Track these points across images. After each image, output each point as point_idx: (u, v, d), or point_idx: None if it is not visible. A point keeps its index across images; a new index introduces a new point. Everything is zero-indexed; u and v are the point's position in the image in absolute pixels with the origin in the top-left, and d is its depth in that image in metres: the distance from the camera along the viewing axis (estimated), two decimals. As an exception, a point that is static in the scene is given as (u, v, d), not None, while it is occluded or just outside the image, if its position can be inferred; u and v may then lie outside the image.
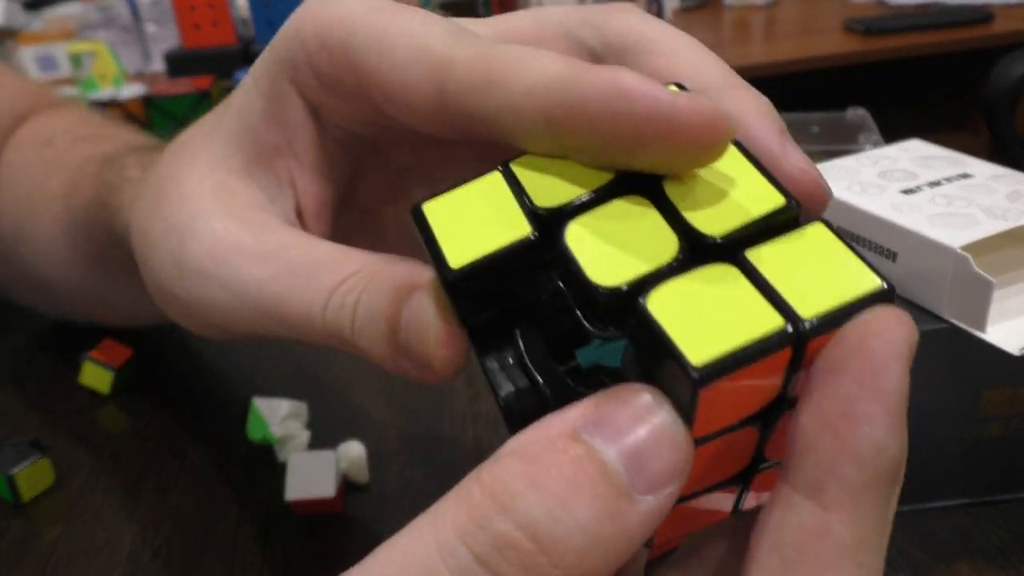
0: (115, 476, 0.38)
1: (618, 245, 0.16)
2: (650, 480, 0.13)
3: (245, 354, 0.47)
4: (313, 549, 0.33)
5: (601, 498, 0.13)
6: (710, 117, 0.15)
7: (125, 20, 1.40)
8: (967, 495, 0.34)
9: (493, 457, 0.14)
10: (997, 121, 0.81)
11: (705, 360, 0.13)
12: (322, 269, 0.20)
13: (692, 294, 0.15)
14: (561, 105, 0.16)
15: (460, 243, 0.17)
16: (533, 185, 0.17)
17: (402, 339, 0.18)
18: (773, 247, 0.16)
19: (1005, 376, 0.31)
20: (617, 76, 0.16)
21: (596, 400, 0.14)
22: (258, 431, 0.37)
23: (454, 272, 0.16)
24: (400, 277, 0.18)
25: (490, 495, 0.13)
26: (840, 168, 0.37)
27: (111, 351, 0.43)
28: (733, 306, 0.14)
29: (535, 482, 0.13)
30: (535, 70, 0.17)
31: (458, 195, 0.17)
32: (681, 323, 0.14)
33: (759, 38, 1.59)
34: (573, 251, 0.16)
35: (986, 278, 0.29)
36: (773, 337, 0.14)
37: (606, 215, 0.16)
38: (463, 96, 0.18)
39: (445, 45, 0.18)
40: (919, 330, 0.32)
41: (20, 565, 0.33)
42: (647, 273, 0.15)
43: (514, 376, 0.18)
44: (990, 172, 0.36)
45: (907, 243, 0.32)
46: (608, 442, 0.13)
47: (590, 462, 0.13)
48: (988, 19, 1.52)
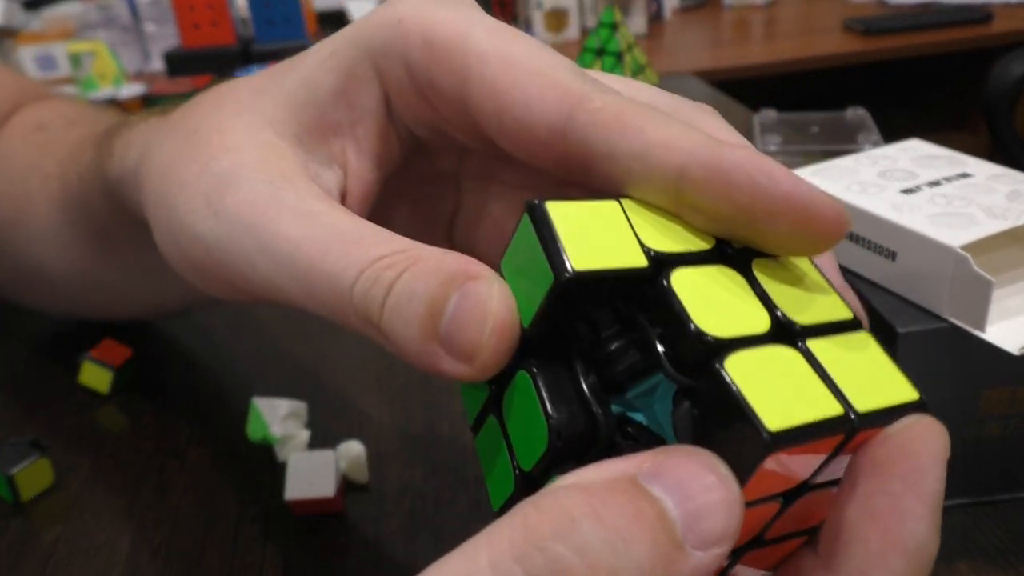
0: (115, 476, 0.38)
1: (717, 303, 0.17)
2: (703, 537, 0.13)
3: (245, 354, 0.47)
4: (313, 549, 0.33)
5: (659, 544, 0.13)
6: (838, 212, 0.17)
7: (125, 20, 1.40)
8: (966, 495, 0.34)
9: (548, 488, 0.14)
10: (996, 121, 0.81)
11: (779, 427, 0.15)
12: (366, 240, 0.19)
13: (763, 367, 0.16)
14: (703, 166, 0.17)
15: (580, 249, 0.17)
16: (641, 227, 0.18)
17: (445, 324, 0.17)
18: (830, 342, 0.17)
19: (1004, 376, 0.31)
20: (761, 158, 0.17)
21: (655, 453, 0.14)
22: (258, 431, 0.37)
23: (575, 271, 0.16)
24: (453, 265, 0.18)
25: (550, 519, 0.13)
26: (840, 168, 0.37)
27: (111, 351, 0.43)
28: (799, 386, 0.16)
29: (596, 513, 0.13)
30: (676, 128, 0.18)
31: (578, 208, 0.18)
32: (754, 390, 0.15)
33: (759, 38, 1.59)
34: (678, 294, 0.16)
35: (986, 277, 0.29)
36: (835, 420, 0.15)
37: (706, 274, 0.17)
38: (593, 131, 0.18)
39: (579, 81, 0.19)
40: (919, 329, 0.32)
41: (20, 565, 0.33)
42: (744, 336, 0.16)
43: (568, 400, 0.18)
44: (989, 172, 0.36)
45: (907, 243, 0.32)
46: (668, 493, 0.14)
47: (651, 506, 0.13)
48: (987, 19, 1.52)
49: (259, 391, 0.39)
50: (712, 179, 0.17)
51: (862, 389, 0.16)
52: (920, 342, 0.31)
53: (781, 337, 0.17)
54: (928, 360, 0.31)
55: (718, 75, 1.30)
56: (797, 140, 0.55)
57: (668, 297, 0.16)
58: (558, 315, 0.17)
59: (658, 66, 1.20)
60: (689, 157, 0.17)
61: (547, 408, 0.17)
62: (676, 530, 0.13)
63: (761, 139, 0.56)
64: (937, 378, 0.31)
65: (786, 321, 0.17)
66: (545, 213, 0.17)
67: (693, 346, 0.16)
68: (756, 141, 0.57)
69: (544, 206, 0.17)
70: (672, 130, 0.18)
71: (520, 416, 0.18)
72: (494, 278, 0.17)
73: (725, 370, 0.15)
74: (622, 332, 0.18)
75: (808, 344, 0.17)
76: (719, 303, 0.17)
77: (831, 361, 0.17)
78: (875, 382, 0.17)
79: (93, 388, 0.43)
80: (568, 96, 0.19)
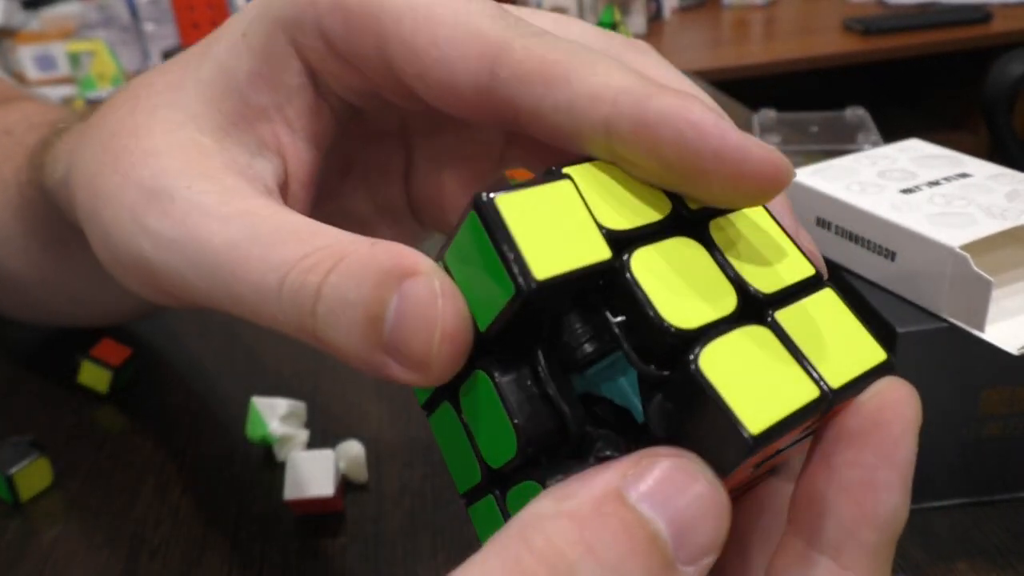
0: (114, 475, 0.38)
1: (682, 286, 0.16)
2: (692, 551, 0.13)
3: (244, 354, 0.47)
4: (312, 548, 0.33)
5: (652, 569, 0.13)
6: (774, 164, 0.15)
7: (124, 19, 1.40)
8: (966, 495, 0.34)
9: (533, 514, 0.14)
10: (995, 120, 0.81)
11: (760, 428, 0.14)
12: (287, 239, 0.18)
13: (736, 355, 0.15)
14: (628, 119, 0.16)
15: (539, 252, 0.15)
16: (595, 203, 0.17)
17: (388, 331, 0.16)
18: (796, 310, 0.17)
19: (1004, 376, 0.31)
20: (688, 105, 0.16)
21: (639, 459, 0.14)
22: (257, 431, 0.37)
23: (538, 283, 0.15)
24: (386, 259, 0.16)
25: (546, 564, 0.13)
26: (839, 168, 0.37)
27: (110, 350, 0.43)
28: (774, 372, 0.15)
29: (591, 550, 0.13)
30: (602, 75, 0.16)
31: (530, 196, 0.16)
32: (731, 385, 0.15)
33: (758, 38, 1.59)
34: (641, 283, 0.16)
35: (985, 277, 0.29)
36: (812, 404, 0.15)
37: (666, 252, 0.16)
38: (517, 86, 0.17)
39: (499, 28, 0.18)
40: (918, 329, 0.32)
41: (19, 565, 0.33)
42: (713, 321, 0.16)
43: (532, 398, 0.17)
44: (989, 171, 0.36)
45: (906, 242, 0.32)
46: (657, 509, 0.13)
47: (641, 530, 0.13)
48: (987, 19, 1.52)
49: (258, 391, 0.39)
50: (638, 133, 0.16)
51: (833, 360, 0.16)
52: (919, 342, 0.31)
53: (749, 314, 0.16)
54: (927, 360, 0.31)
55: (717, 75, 1.30)
56: (796, 140, 0.55)
57: (631, 288, 0.15)
58: (519, 320, 0.16)
59: (657, 66, 1.20)
60: (613, 109, 0.16)
61: (512, 412, 0.16)
62: (668, 550, 0.13)
63: (761, 138, 0.56)
64: (936, 378, 0.31)
65: (752, 294, 0.16)
66: (497, 212, 0.16)
67: (662, 339, 0.15)
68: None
69: (495, 204, 0.16)
70: (598, 77, 0.16)
71: (483, 416, 0.17)
72: (434, 273, 0.16)
73: (700, 370, 0.15)
74: (584, 316, 0.17)
75: (776, 316, 0.16)
76: (683, 286, 0.16)
77: (800, 332, 0.16)
78: (844, 348, 0.16)
79: (92, 388, 0.43)
80: (488, 48, 0.17)
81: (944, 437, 0.33)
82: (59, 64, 1.34)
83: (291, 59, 0.21)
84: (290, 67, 0.21)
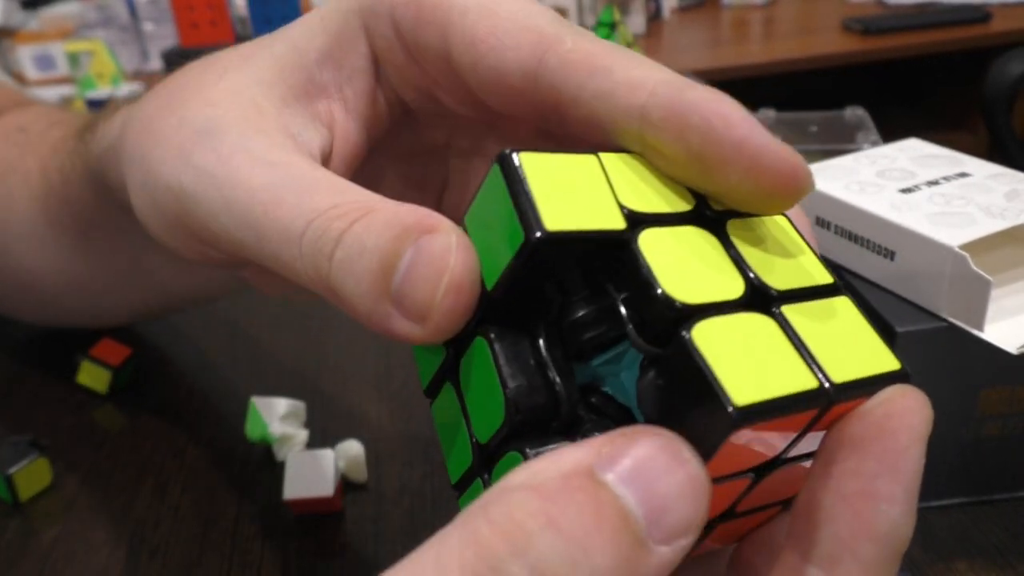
0: (113, 475, 0.38)
1: (689, 266, 0.16)
2: (668, 532, 0.13)
3: (244, 353, 0.47)
4: (311, 548, 0.33)
5: (621, 545, 0.12)
6: (793, 165, 0.16)
7: (123, 19, 1.40)
8: (965, 494, 0.34)
9: (499, 487, 0.13)
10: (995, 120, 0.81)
11: (746, 402, 0.14)
12: (322, 190, 0.19)
13: (734, 335, 0.15)
14: (662, 107, 0.17)
15: (553, 207, 0.16)
16: (618, 184, 0.17)
17: (398, 281, 0.16)
18: (806, 308, 0.16)
19: (1003, 375, 0.31)
20: (720, 99, 0.16)
21: (615, 438, 0.13)
22: (257, 430, 0.37)
23: (547, 232, 0.15)
24: (409, 217, 0.17)
25: (503, 534, 0.12)
26: (838, 167, 0.37)
27: (109, 350, 0.43)
28: (771, 357, 0.15)
29: (553, 523, 0.12)
30: (644, 69, 0.18)
31: (554, 160, 0.17)
32: (722, 361, 0.14)
33: (757, 37, 1.59)
34: (647, 258, 0.15)
35: (984, 277, 0.29)
36: (808, 394, 0.14)
37: (678, 235, 0.16)
38: (563, 73, 0.18)
39: (554, 25, 0.19)
40: (917, 329, 0.32)
41: (18, 565, 0.33)
42: (716, 301, 0.15)
43: (528, 370, 0.17)
44: (988, 171, 0.36)
45: (905, 242, 0.32)
46: (630, 486, 0.13)
47: (611, 506, 0.12)
48: (986, 18, 1.52)
49: (258, 390, 0.39)
50: (669, 119, 0.17)
51: (839, 359, 0.15)
52: (919, 341, 0.31)
53: (755, 303, 0.16)
54: (927, 360, 0.31)
55: (717, 75, 1.30)
56: (796, 139, 0.55)
57: (637, 259, 0.15)
58: (525, 277, 0.16)
59: (657, 65, 1.20)
60: (651, 97, 0.17)
61: (504, 378, 0.16)
62: (639, 528, 0.12)
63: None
64: (936, 378, 0.31)
65: (760, 285, 0.16)
66: (517, 165, 0.16)
67: (661, 312, 0.15)
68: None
69: (516, 157, 0.16)
70: (639, 70, 0.18)
71: (477, 385, 0.17)
72: (453, 231, 0.16)
73: (691, 338, 0.14)
74: (591, 298, 0.17)
75: (783, 310, 0.16)
76: (690, 266, 0.16)
77: (807, 329, 0.16)
78: (854, 351, 0.16)
79: (92, 388, 0.43)
80: (542, 40, 0.19)
81: (943, 437, 0.33)
82: (58, 64, 1.34)
83: (360, 42, 0.22)
84: (357, 50, 0.22)
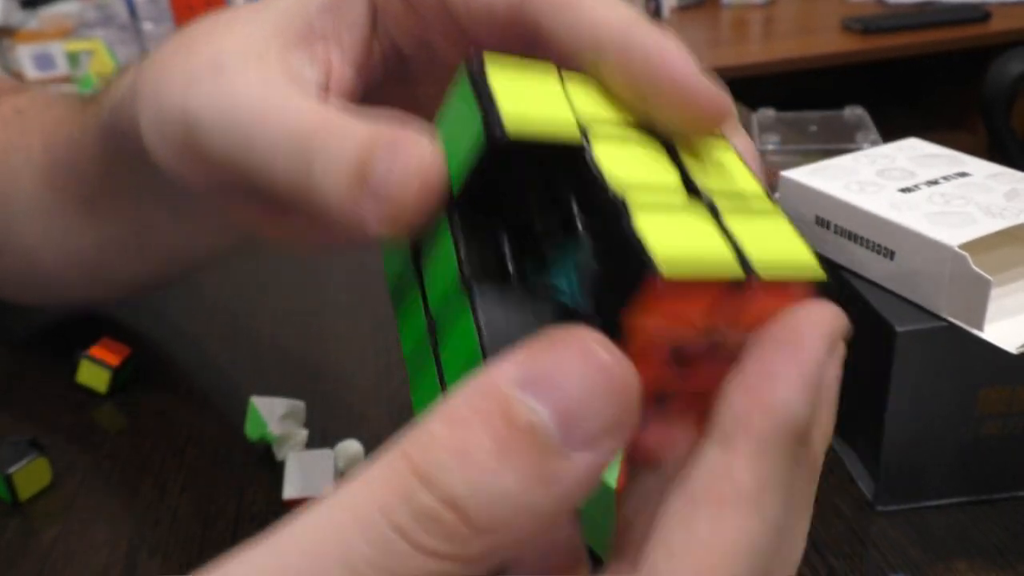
0: (113, 475, 0.38)
1: (636, 169, 0.17)
2: (586, 436, 0.13)
3: (243, 353, 0.47)
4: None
5: (530, 464, 0.13)
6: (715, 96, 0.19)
7: (122, 18, 1.40)
8: (965, 494, 0.34)
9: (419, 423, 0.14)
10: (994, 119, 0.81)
11: (671, 266, 0.14)
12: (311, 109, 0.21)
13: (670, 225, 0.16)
14: (614, 41, 0.19)
15: (515, 111, 0.17)
16: (577, 97, 0.19)
17: (373, 176, 0.18)
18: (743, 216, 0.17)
19: (1002, 375, 0.31)
20: (665, 40, 0.19)
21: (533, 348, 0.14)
22: (256, 430, 0.37)
23: (509, 134, 0.16)
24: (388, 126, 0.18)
25: (413, 469, 0.13)
26: (838, 167, 0.37)
27: (109, 349, 0.43)
28: (701, 241, 0.16)
29: (460, 452, 0.13)
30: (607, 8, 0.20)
31: (519, 67, 0.18)
32: (655, 236, 0.15)
33: (757, 37, 1.59)
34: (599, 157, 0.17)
35: (984, 277, 0.29)
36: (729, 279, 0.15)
37: (628, 144, 0.18)
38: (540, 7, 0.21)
39: None
40: (917, 328, 0.32)
41: (17, 565, 0.33)
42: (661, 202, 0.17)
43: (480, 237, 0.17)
44: (988, 171, 0.36)
45: (905, 242, 0.32)
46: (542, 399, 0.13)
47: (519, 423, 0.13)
48: (985, 18, 1.52)
49: (257, 390, 0.39)
50: (619, 55, 0.19)
51: (766, 256, 0.16)
52: (918, 341, 0.31)
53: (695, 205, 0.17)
54: (926, 359, 0.31)
55: (716, 74, 1.30)
56: (795, 139, 0.55)
57: (588, 161, 0.17)
58: (487, 176, 0.17)
59: (656, 65, 1.19)
60: (608, 33, 0.20)
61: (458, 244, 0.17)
62: (551, 440, 0.13)
63: (760, 138, 0.56)
64: (935, 377, 0.31)
65: (697, 187, 0.18)
66: (484, 68, 0.17)
67: (608, 206, 0.16)
68: (755, 140, 0.57)
69: (483, 60, 0.17)
70: (603, 9, 0.20)
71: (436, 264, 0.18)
72: (424, 132, 0.18)
73: (630, 217, 0.15)
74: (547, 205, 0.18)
75: (717, 205, 0.17)
76: (637, 169, 0.17)
77: (739, 226, 0.16)
78: (782, 254, 0.16)
79: (91, 387, 0.43)
80: None
81: (943, 436, 0.33)
82: (58, 63, 1.34)
83: None
84: (357, 3, 0.24)
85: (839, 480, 0.35)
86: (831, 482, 0.35)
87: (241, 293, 0.54)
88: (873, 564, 0.31)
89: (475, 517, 0.12)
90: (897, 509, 0.34)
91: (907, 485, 0.33)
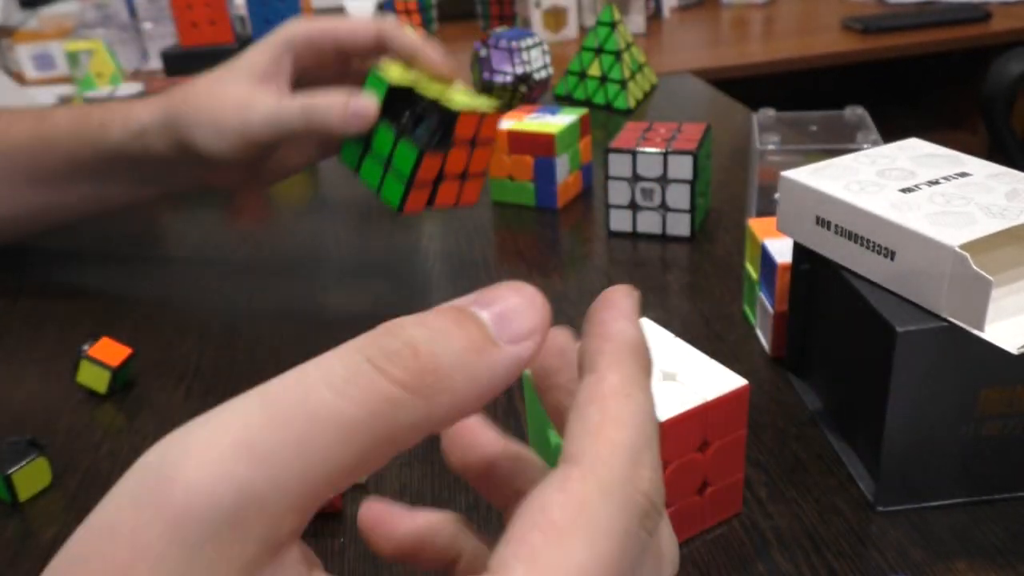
0: (112, 475, 0.38)
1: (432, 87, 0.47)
2: (512, 334, 0.18)
3: (244, 354, 0.47)
4: (311, 548, 0.33)
5: (472, 338, 0.17)
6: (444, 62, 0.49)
7: (122, 18, 1.40)
8: (965, 494, 0.34)
9: None
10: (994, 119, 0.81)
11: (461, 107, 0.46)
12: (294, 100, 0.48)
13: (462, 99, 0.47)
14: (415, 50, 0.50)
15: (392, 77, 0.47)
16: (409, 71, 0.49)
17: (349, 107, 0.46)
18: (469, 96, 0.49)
19: (1003, 375, 0.31)
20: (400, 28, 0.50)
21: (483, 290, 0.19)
22: (256, 430, 0.37)
23: (391, 83, 0.46)
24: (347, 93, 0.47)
25: (385, 327, 0.17)
26: (838, 167, 0.37)
27: (109, 350, 0.43)
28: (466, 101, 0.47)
29: (423, 322, 0.17)
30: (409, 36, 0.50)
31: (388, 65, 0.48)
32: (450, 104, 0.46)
33: (757, 37, 1.59)
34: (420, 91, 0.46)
35: (985, 277, 0.29)
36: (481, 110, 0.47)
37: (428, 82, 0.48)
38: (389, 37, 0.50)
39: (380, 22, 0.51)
40: (917, 328, 0.32)
41: (17, 565, 0.33)
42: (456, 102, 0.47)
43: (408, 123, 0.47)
44: (988, 171, 0.36)
45: (905, 242, 0.32)
46: (484, 308, 0.18)
47: (467, 316, 0.18)
48: (986, 18, 1.52)
49: (257, 390, 0.39)
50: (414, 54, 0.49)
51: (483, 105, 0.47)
52: (919, 341, 0.31)
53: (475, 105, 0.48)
54: (927, 359, 0.31)
55: (716, 74, 1.30)
56: (796, 139, 0.55)
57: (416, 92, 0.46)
58: (388, 100, 0.46)
59: (656, 65, 1.19)
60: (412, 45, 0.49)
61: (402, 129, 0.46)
62: (488, 330, 0.18)
63: (760, 138, 0.56)
64: (936, 377, 0.31)
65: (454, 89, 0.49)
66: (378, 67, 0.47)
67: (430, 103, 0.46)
68: (755, 139, 0.57)
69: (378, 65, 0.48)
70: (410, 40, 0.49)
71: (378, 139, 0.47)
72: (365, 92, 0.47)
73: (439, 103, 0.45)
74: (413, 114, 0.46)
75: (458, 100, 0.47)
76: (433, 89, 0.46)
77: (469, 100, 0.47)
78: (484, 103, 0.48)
79: (91, 387, 0.43)
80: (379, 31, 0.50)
81: (943, 437, 0.33)
82: (57, 63, 1.34)
83: (288, 55, 0.50)
84: (287, 59, 0.51)
85: (839, 480, 0.35)
86: (831, 482, 0.35)
87: (241, 293, 0.54)
88: (873, 564, 0.31)
89: (426, 357, 0.17)
90: (897, 509, 0.34)
91: (907, 485, 0.33)
